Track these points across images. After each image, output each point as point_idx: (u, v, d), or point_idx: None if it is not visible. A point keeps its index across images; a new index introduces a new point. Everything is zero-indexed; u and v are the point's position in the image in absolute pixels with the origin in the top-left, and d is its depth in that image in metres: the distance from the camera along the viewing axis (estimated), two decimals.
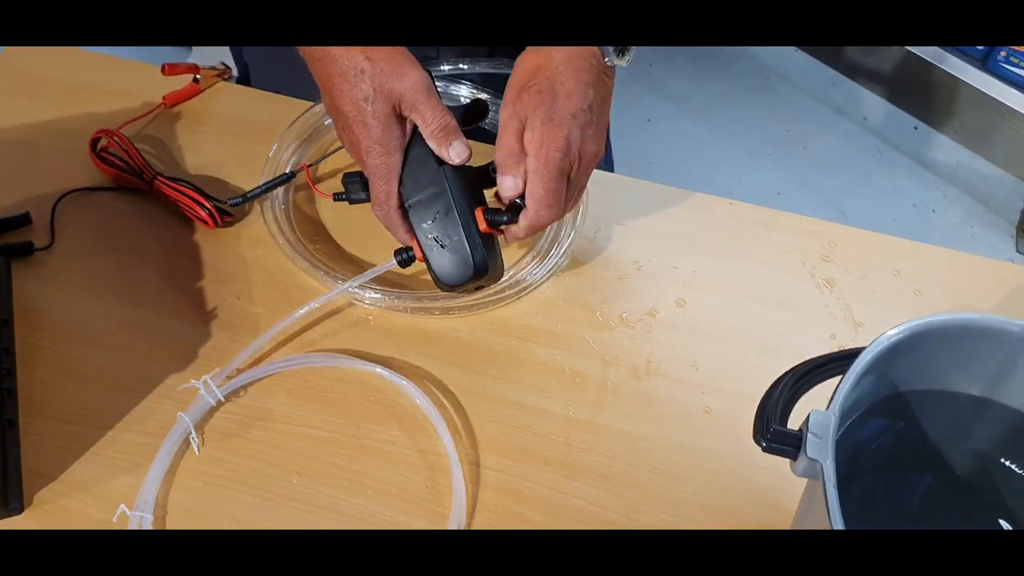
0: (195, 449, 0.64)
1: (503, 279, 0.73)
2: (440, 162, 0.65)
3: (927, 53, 1.99)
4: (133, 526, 0.59)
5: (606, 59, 0.65)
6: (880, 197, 1.89)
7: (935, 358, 0.53)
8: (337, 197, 0.73)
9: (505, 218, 0.66)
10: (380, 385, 0.68)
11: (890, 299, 0.77)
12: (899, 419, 0.56)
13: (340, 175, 0.73)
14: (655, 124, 1.99)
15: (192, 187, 0.75)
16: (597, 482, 0.65)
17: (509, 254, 0.75)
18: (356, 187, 0.71)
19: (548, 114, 0.62)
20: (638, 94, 2.06)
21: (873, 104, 2.08)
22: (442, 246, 0.66)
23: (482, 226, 0.66)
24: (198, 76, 0.85)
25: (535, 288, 0.74)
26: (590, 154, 0.65)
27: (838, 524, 0.41)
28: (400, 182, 0.66)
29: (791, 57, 2.15)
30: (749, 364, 0.72)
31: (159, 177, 0.75)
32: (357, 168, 0.76)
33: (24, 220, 0.75)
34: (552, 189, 0.63)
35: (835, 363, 0.53)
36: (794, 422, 0.47)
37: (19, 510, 0.60)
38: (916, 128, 2.04)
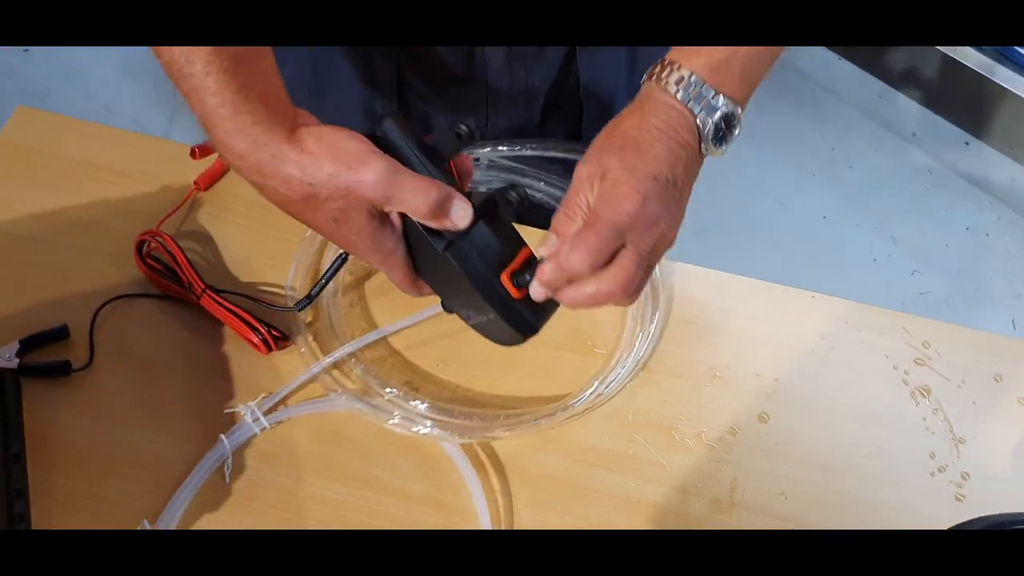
0: (225, 477, 0.63)
1: (569, 397, 0.66)
2: (444, 244, 0.55)
3: (977, 63, 1.89)
4: None
5: (702, 145, 0.56)
6: (931, 220, 1.80)
7: None
8: None
9: (528, 277, 0.56)
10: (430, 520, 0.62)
11: (992, 410, 0.70)
12: None
13: None
14: None
15: (246, 297, 0.69)
16: None
17: (576, 365, 0.68)
18: None
19: (629, 166, 0.53)
20: None
21: (923, 118, 1.99)
22: (482, 318, 0.58)
23: (514, 293, 0.56)
24: None
25: (604, 403, 0.67)
26: (663, 232, 0.54)
27: None
28: (415, 266, 0.58)
29: (836, 67, 2.06)
30: (842, 495, 0.65)
31: (208, 292, 0.68)
32: None
33: (62, 333, 0.68)
34: (596, 243, 0.52)
35: None
36: None
37: None
38: (967, 144, 1.95)
